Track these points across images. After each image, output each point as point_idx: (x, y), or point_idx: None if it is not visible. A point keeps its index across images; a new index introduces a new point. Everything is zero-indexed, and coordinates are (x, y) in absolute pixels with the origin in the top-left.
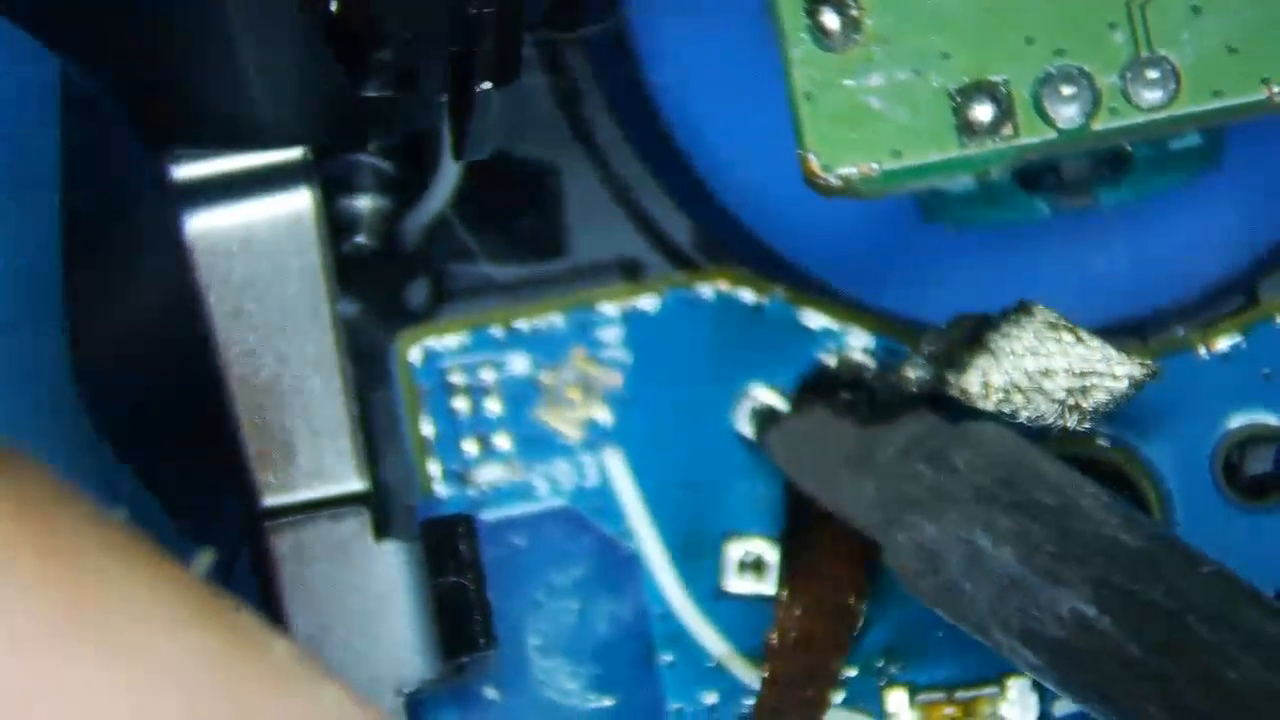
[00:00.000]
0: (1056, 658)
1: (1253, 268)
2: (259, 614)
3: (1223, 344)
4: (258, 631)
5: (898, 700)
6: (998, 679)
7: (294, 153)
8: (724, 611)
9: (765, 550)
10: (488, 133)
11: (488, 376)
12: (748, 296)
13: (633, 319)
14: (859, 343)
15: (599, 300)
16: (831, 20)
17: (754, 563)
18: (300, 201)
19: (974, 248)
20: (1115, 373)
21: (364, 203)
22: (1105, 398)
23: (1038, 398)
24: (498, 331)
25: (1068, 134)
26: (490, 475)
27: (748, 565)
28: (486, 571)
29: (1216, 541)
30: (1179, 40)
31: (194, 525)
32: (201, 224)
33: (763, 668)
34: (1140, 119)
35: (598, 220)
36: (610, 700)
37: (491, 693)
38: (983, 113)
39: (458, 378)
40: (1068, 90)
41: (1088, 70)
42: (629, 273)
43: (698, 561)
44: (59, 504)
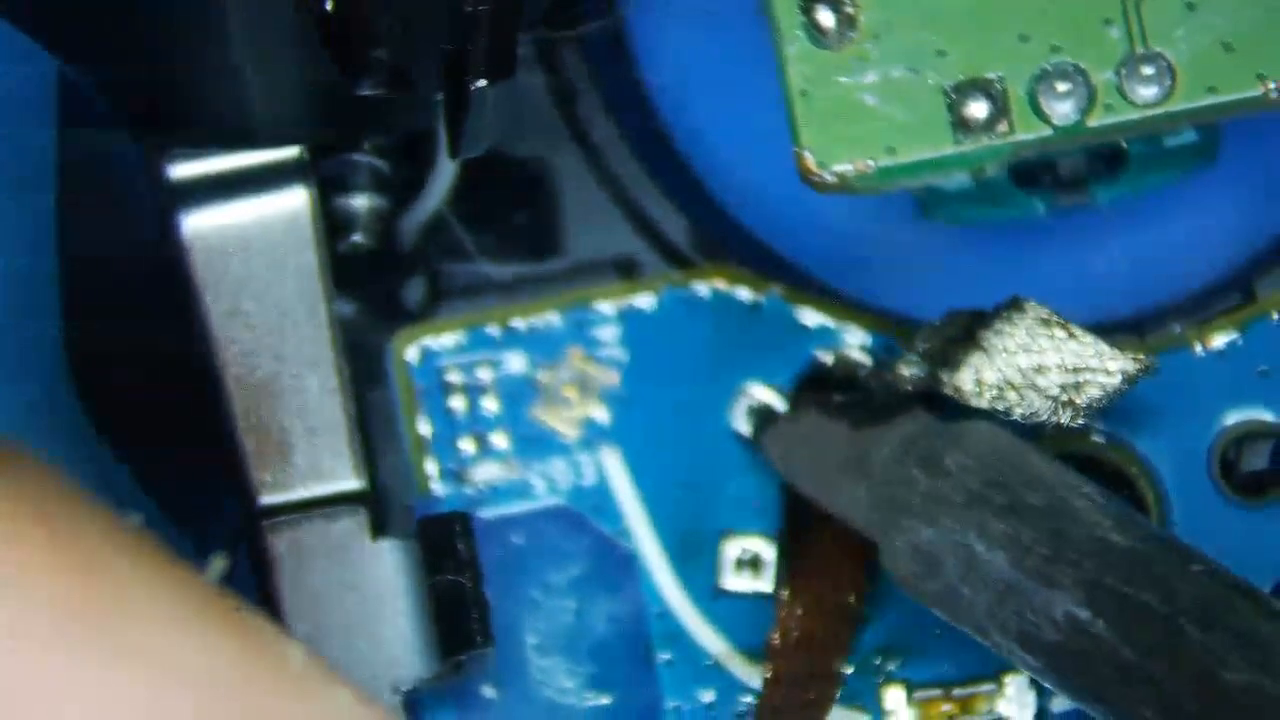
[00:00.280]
0: (1054, 661)
1: (1249, 264)
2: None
3: (1219, 341)
4: (271, 635)
5: (895, 698)
6: (995, 676)
7: (290, 152)
8: (721, 609)
9: (762, 548)
10: (484, 131)
11: (485, 375)
12: (744, 295)
13: (629, 318)
14: (856, 340)
15: (596, 299)
16: (826, 18)
17: (751, 560)
18: (297, 201)
19: (970, 245)
20: (1108, 368)
21: (360, 202)
22: (1099, 393)
23: (1031, 394)
24: (494, 330)
25: (1063, 131)
26: (487, 474)
27: (745, 563)
28: (484, 570)
29: (1213, 538)
30: (1174, 37)
31: (192, 525)
32: (198, 223)
33: (765, 667)
34: (1136, 115)
35: (594, 219)
36: (608, 698)
37: (489, 691)
38: (978, 110)
39: (455, 376)
40: (1063, 87)
41: (1083, 67)
42: (625, 271)
43: (695, 560)
44: (70, 506)
